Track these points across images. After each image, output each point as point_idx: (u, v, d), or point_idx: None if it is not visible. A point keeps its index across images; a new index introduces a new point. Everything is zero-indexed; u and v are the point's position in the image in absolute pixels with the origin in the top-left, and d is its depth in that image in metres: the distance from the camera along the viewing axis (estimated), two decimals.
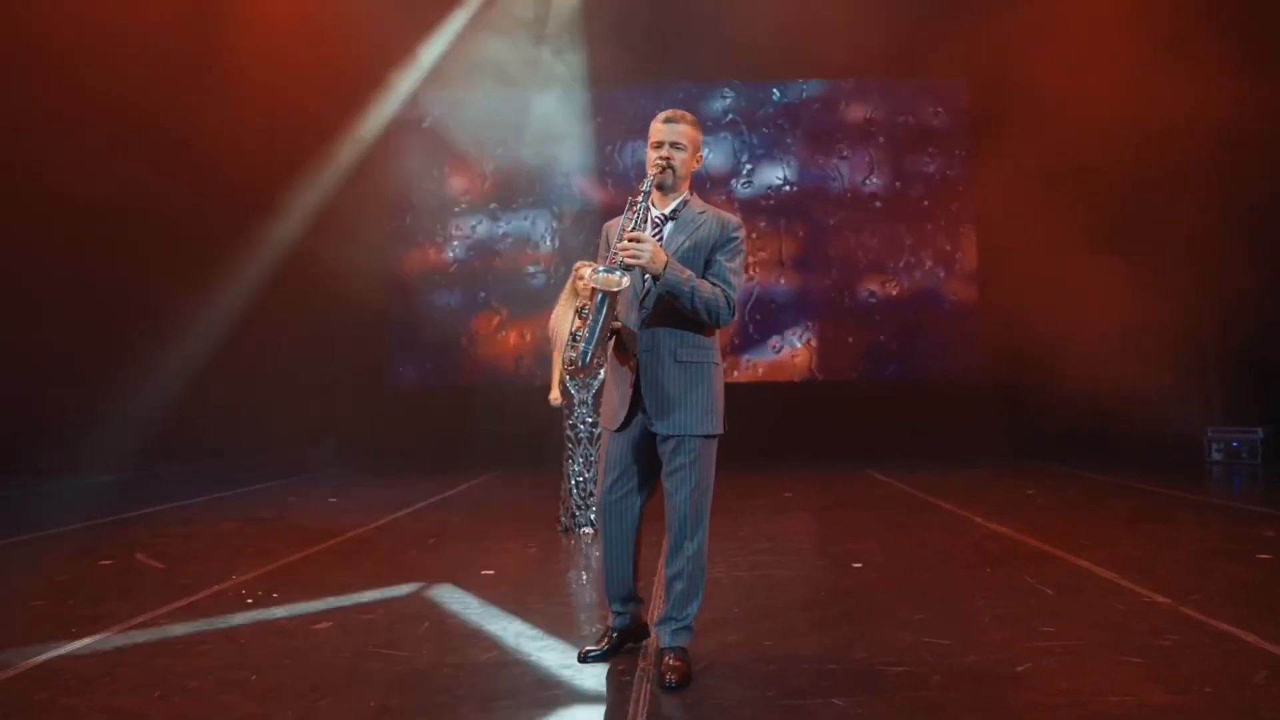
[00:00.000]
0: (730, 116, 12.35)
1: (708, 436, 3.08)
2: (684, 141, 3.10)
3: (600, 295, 2.96)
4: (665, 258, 2.94)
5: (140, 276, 10.33)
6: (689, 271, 2.99)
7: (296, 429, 11.68)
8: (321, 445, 11.89)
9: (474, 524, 6.75)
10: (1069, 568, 4.74)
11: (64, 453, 10.19)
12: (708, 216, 3.12)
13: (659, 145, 3.09)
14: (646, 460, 3.18)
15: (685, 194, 3.18)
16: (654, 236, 3.09)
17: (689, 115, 3.16)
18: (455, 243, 12.52)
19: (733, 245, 3.09)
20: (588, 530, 6.10)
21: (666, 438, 3.06)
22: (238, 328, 11.12)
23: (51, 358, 9.84)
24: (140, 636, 3.69)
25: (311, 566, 5.17)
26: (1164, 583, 4.28)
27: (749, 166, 12.35)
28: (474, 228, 12.50)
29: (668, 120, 3.11)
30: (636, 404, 3.10)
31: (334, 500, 8.22)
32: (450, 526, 6.62)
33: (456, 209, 12.54)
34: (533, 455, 9.92)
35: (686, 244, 3.07)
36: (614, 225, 3.24)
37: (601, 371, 5.43)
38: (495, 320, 12.37)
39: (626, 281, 2.89)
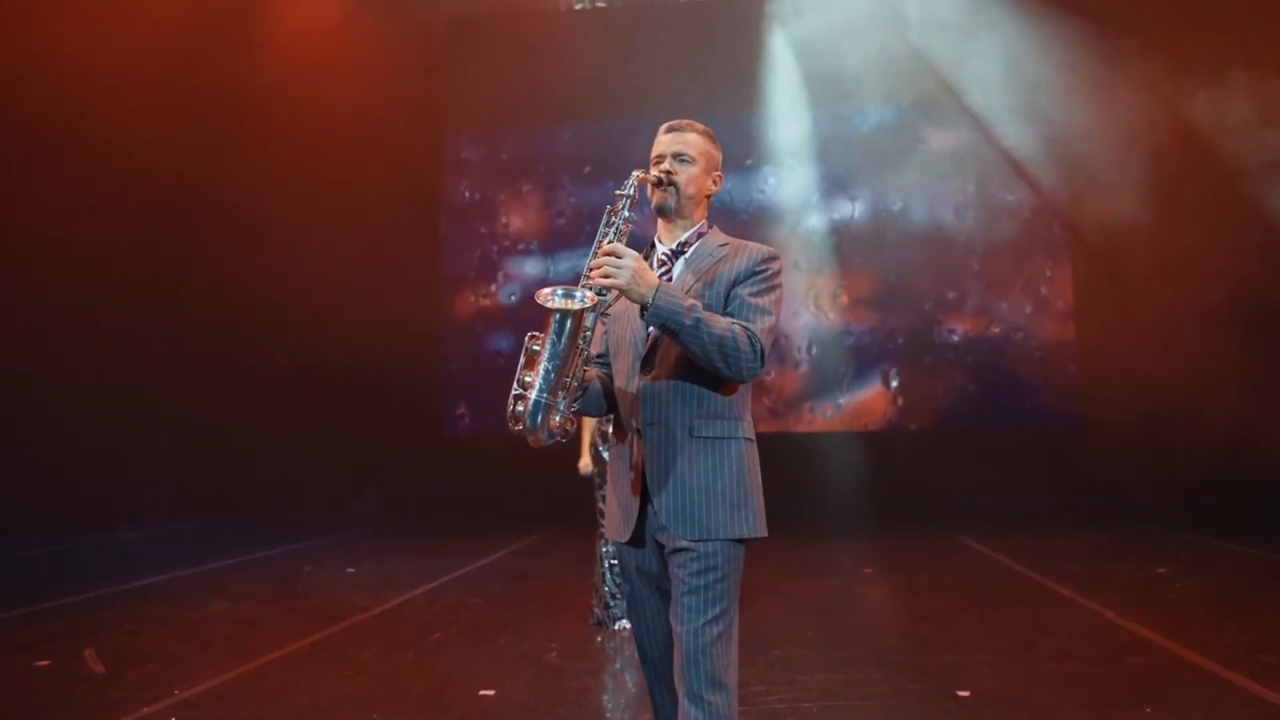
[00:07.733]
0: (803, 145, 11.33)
1: (738, 541, 2.16)
2: (691, 153, 2.30)
3: (558, 321, 2.03)
4: (655, 279, 2.07)
5: (168, 310, 9.80)
6: (692, 299, 2.10)
7: (341, 478, 10.94)
8: (364, 498, 11.19)
9: (493, 611, 5.71)
10: (1261, 707, 3.50)
11: (104, 506, 9.53)
12: (730, 249, 2.30)
13: (659, 160, 2.31)
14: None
15: (701, 224, 2.35)
16: (661, 276, 2.27)
17: (699, 124, 2.36)
18: (511, 285, 11.84)
19: (761, 277, 2.24)
20: (624, 624, 5.06)
21: (678, 548, 2.15)
22: (280, 367, 10.42)
23: (79, 398, 9.12)
24: None
25: (278, 676, 4.22)
26: None
27: (818, 197, 11.29)
28: (530, 268, 11.88)
29: (670, 129, 2.34)
30: (647, 502, 2.20)
31: (351, 571, 7.32)
32: (465, 613, 5.62)
33: (512, 247, 11.87)
34: (584, 516, 8.83)
35: (697, 284, 2.24)
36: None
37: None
38: None
39: (591, 302, 2.03)
